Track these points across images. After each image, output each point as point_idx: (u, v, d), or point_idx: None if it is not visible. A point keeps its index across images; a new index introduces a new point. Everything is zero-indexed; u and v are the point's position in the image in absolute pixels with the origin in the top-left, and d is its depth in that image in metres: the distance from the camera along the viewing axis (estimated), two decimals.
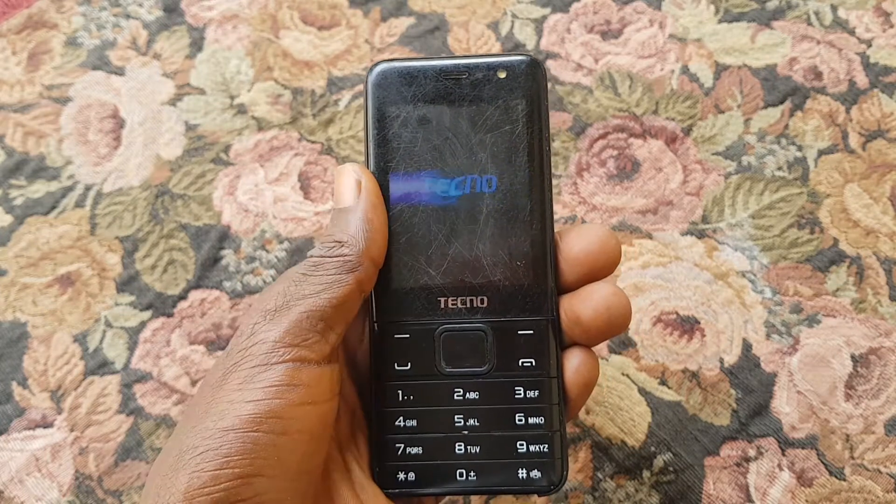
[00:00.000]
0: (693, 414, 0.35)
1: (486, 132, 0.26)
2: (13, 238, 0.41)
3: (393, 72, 0.27)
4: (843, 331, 0.37)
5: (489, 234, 0.26)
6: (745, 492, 0.34)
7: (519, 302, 0.26)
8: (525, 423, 0.25)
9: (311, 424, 0.23)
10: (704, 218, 0.40)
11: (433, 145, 0.26)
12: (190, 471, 0.21)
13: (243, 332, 0.23)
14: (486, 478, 0.26)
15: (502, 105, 0.26)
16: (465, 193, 0.26)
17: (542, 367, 0.26)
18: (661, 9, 0.46)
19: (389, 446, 0.26)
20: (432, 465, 0.26)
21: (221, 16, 0.47)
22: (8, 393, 0.37)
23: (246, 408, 0.21)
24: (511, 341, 0.26)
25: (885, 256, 0.38)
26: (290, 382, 0.22)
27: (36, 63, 0.46)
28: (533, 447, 0.25)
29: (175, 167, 0.42)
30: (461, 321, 0.26)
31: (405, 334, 0.26)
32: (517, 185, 0.26)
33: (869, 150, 0.41)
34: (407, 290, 0.26)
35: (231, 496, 0.20)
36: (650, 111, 0.43)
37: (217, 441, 0.21)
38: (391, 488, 0.26)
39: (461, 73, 0.26)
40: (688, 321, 0.37)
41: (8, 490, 0.35)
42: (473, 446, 0.26)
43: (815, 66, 0.43)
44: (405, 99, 0.26)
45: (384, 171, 0.26)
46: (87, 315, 0.39)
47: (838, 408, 0.35)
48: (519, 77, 0.26)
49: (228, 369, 0.23)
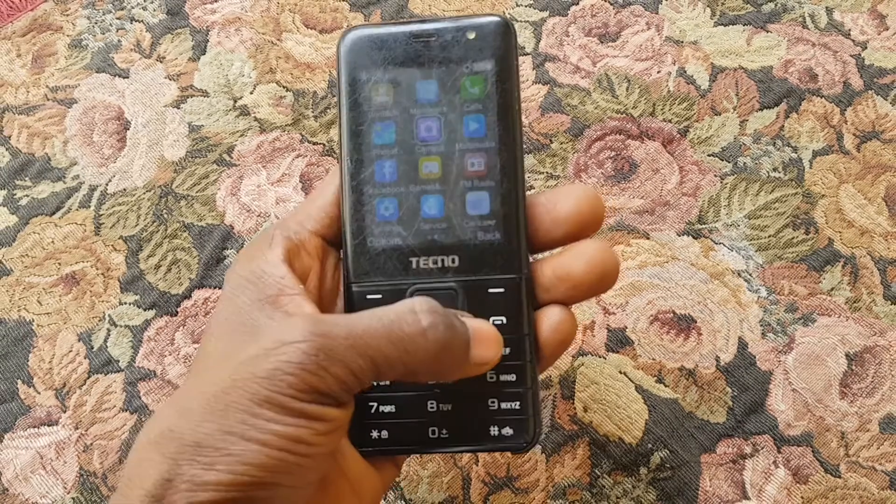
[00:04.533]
0: (689, 411, 0.36)
1: (455, 93, 0.26)
2: (18, 238, 0.41)
3: (364, 37, 0.27)
4: (837, 330, 0.37)
5: (459, 194, 0.26)
6: (741, 488, 0.34)
7: (490, 260, 0.26)
8: (496, 380, 0.26)
9: (333, 446, 0.23)
10: (701, 218, 0.40)
11: (404, 108, 0.26)
12: (208, 466, 0.20)
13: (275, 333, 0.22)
14: (457, 435, 0.26)
15: (472, 66, 0.26)
16: (435, 154, 0.26)
17: (513, 324, 0.26)
18: (658, 12, 0.46)
19: (363, 405, 0.26)
20: (404, 422, 0.26)
21: (224, 19, 0.47)
22: (13, 391, 0.38)
23: (272, 427, 0.21)
24: (482, 300, 0.26)
25: (879, 256, 0.39)
26: (319, 417, 0.21)
27: (41, 65, 0.46)
28: (505, 404, 0.25)
29: (179, 168, 0.43)
30: (432, 280, 0.26)
31: (377, 294, 0.26)
32: (487, 144, 0.26)
33: (863, 151, 0.42)
34: (378, 252, 0.26)
35: (245, 498, 0.21)
36: (647, 113, 0.43)
37: (239, 447, 0.20)
38: (365, 446, 0.26)
39: (431, 36, 0.26)
40: (684, 320, 0.38)
41: (13, 487, 0.36)
42: (445, 404, 0.26)
43: (811, 68, 0.44)
44: (376, 63, 0.26)
45: (355, 135, 0.26)
46: (92, 314, 0.39)
47: (833, 406, 0.36)
48: (488, 37, 0.26)
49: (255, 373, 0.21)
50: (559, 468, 0.35)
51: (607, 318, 0.38)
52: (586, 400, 0.36)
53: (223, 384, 0.22)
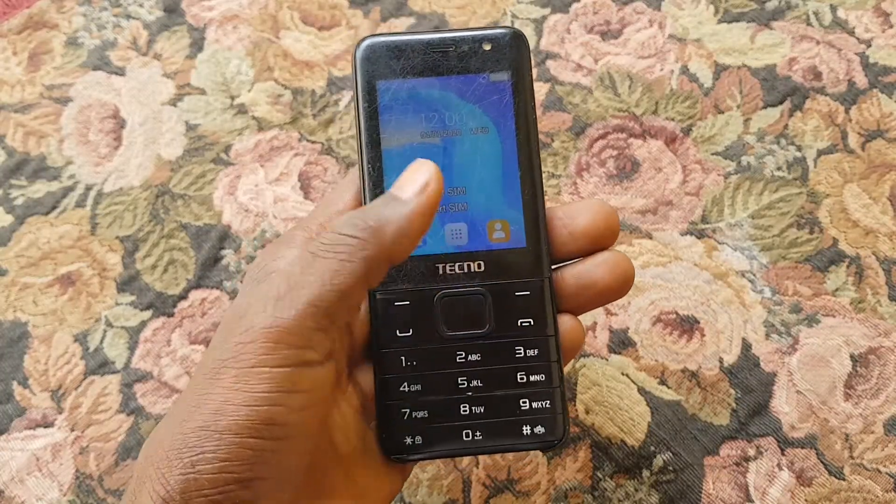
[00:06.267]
0: (692, 413, 0.35)
1: (473, 103, 0.27)
2: (14, 238, 0.41)
3: (381, 46, 0.27)
4: (842, 330, 0.37)
5: (482, 201, 0.27)
6: (745, 491, 0.34)
7: (514, 264, 0.27)
8: (527, 380, 0.26)
9: (312, 427, 0.23)
10: (704, 218, 0.40)
11: (423, 118, 0.27)
12: (187, 472, 0.20)
13: (240, 316, 0.22)
14: (491, 436, 0.26)
15: (489, 76, 0.27)
16: (455, 163, 0.27)
17: (540, 325, 0.26)
18: (661, 9, 0.46)
19: (395, 412, 0.26)
20: (438, 427, 0.26)
21: (222, 16, 0.47)
22: (8, 392, 0.37)
23: (243, 412, 0.21)
24: (509, 302, 0.26)
25: (884, 256, 0.38)
26: (291, 389, 0.21)
27: (36, 63, 0.46)
28: (536, 404, 0.26)
29: (175, 167, 0.42)
30: (460, 286, 0.26)
31: (405, 301, 0.26)
32: (507, 152, 0.27)
33: (868, 150, 0.41)
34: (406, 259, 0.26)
35: (230, 499, 0.20)
36: (650, 111, 0.43)
37: (213, 443, 0.20)
38: (399, 453, 0.26)
39: (448, 47, 0.27)
40: (687, 321, 0.37)
41: (8, 489, 0.35)
42: (478, 406, 0.26)
43: (815, 66, 0.43)
44: (394, 72, 0.27)
45: (375, 145, 0.27)
46: (88, 315, 0.39)
47: (837, 407, 0.35)
48: (503, 48, 0.27)
49: (225, 362, 0.21)
50: (561, 471, 0.35)
51: (609, 320, 0.38)
52: (588, 402, 0.36)
53: (203, 381, 0.22)
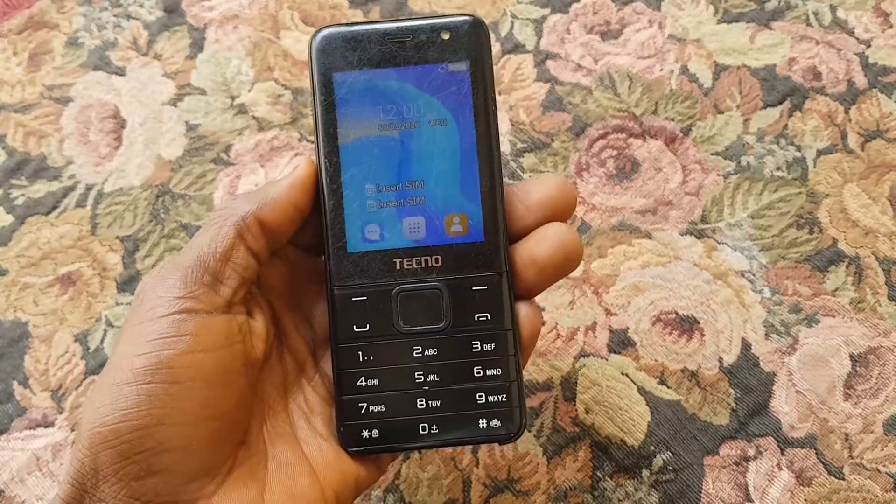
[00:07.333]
0: (692, 413, 0.35)
1: (431, 94, 0.26)
2: (14, 238, 0.41)
3: (337, 37, 0.27)
4: (841, 330, 0.37)
5: (440, 195, 0.27)
6: (745, 491, 0.34)
7: (472, 259, 0.26)
8: (483, 374, 0.26)
9: (206, 372, 0.23)
10: (704, 218, 0.40)
11: (380, 110, 0.26)
12: (91, 426, 0.22)
13: (136, 294, 0.25)
14: (448, 430, 0.26)
15: (447, 66, 0.26)
16: (413, 156, 0.27)
17: (497, 320, 0.26)
18: (661, 9, 0.46)
19: (353, 406, 0.26)
20: (395, 421, 0.26)
21: (222, 16, 0.47)
22: (9, 392, 0.37)
23: (137, 361, 0.22)
24: (466, 297, 0.26)
25: (883, 256, 0.38)
26: (176, 333, 0.23)
27: (37, 63, 0.46)
28: (492, 397, 0.26)
29: (176, 167, 0.43)
30: (417, 281, 0.26)
31: (362, 296, 0.26)
32: (465, 144, 0.26)
33: (868, 150, 0.41)
34: (362, 254, 0.26)
35: (134, 447, 0.22)
36: (649, 111, 0.43)
37: (113, 395, 0.22)
38: (356, 446, 0.26)
39: (405, 36, 0.26)
40: (687, 321, 0.37)
41: (9, 489, 0.35)
42: (434, 400, 0.26)
43: (814, 66, 0.43)
44: (350, 64, 0.26)
45: (332, 139, 0.27)
46: (88, 315, 0.39)
47: (837, 407, 0.35)
48: (462, 37, 0.27)
49: (123, 329, 0.24)
50: (560, 470, 0.35)
51: (609, 319, 0.38)
52: (588, 402, 0.36)
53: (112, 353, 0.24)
